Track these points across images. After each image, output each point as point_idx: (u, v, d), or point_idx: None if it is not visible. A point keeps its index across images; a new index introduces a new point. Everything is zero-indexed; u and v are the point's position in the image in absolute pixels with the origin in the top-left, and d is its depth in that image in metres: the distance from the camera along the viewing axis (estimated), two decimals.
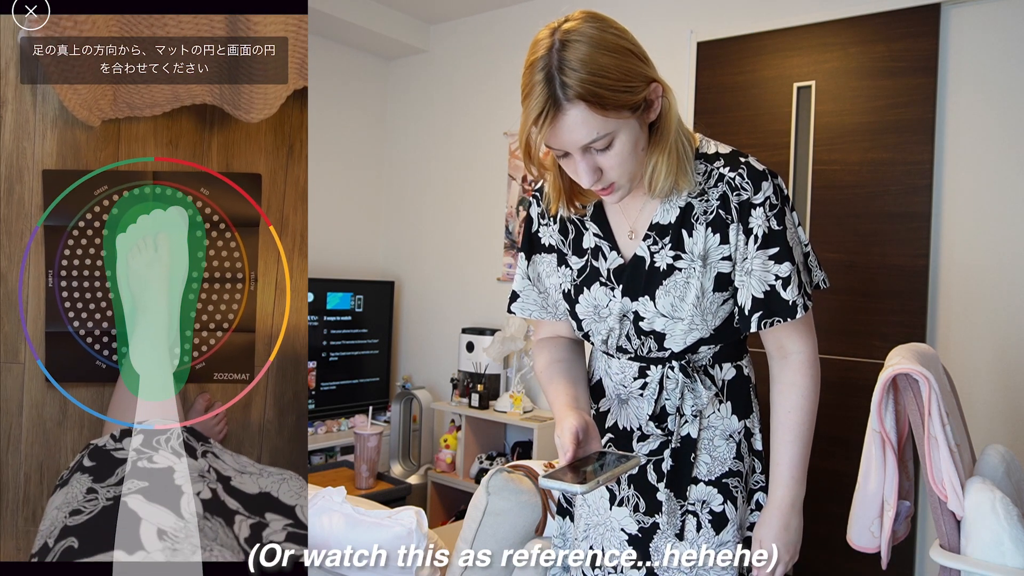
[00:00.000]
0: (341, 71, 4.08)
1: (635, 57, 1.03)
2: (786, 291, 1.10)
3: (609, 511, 1.22)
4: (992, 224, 2.49)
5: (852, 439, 2.61)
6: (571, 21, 1.03)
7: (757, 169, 1.11)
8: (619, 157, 1.03)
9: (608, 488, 1.22)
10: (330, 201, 4.05)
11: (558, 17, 1.05)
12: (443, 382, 4.02)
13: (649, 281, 1.14)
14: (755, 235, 1.10)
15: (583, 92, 0.97)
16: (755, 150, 2.88)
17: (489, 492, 1.56)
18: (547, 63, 0.99)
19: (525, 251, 1.28)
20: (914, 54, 2.57)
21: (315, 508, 1.58)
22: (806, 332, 1.16)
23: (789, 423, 1.16)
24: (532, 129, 0.99)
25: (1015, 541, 1.29)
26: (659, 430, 1.19)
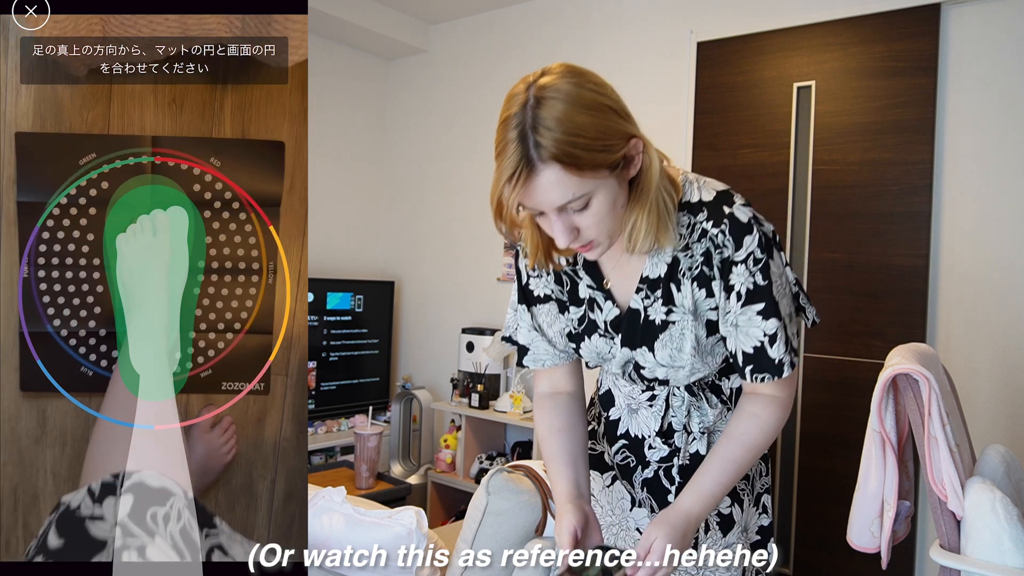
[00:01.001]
0: (341, 71, 4.08)
1: (614, 114, 0.97)
2: (773, 348, 1.07)
3: (629, 511, 1.24)
4: (992, 224, 2.49)
5: (852, 439, 2.61)
6: (547, 76, 0.96)
7: (740, 222, 1.05)
8: (596, 217, 0.98)
9: (628, 492, 1.24)
10: (330, 201, 4.05)
11: (544, 66, 1.00)
12: (443, 382, 4.02)
13: (646, 333, 1.12)
14: (738, 292, 1.06)
15: (558, 153, 0.92)
16: (755, 150, 2.88)
17: (489, 492, 1.56)
18: (521, 120, 0.94)
19: (524, 302, 1.23)
20: (914, 54, 2.57)
21: (315, 508, 1.58)
22: (785, 382, 1.12)
23: (733, 445, 1.10)
24: (505, 187, 0.95)
25: (1015, 541, 1.29)
26: (666, 446, 1.20)
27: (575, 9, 3.55)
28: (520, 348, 1.25)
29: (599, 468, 1.29)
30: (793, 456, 2.79)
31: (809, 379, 2.77)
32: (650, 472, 1.21)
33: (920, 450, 1.43)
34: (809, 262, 2.77)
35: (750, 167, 2.90)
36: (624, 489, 1.25)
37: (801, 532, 2.78)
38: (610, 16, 3.42)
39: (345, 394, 3.91)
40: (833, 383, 2.71)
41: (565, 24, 3.58)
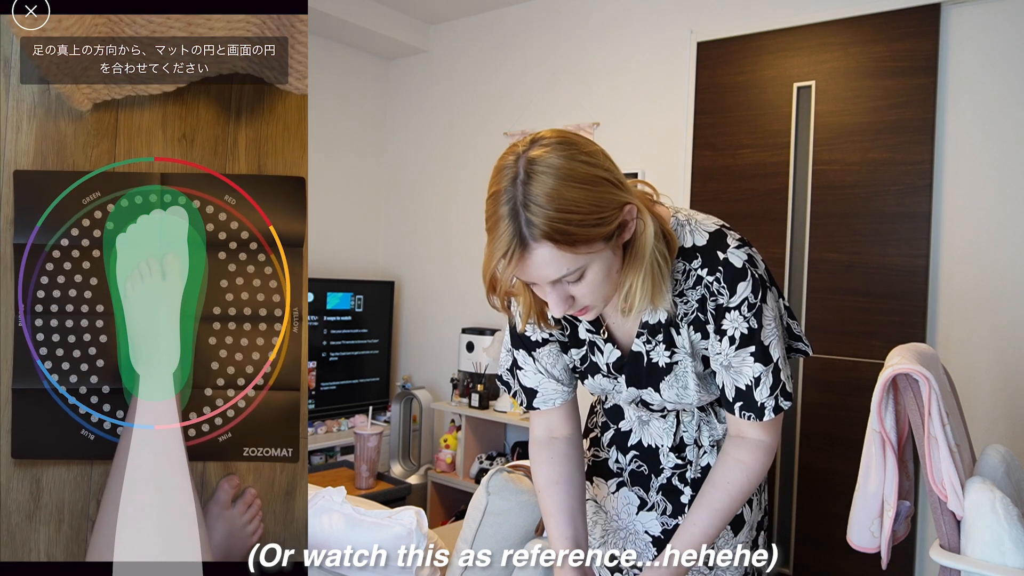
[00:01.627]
0: (341, 71, 4.08)
1: (608, 184, 0.94)
2: (758, 391, 1.07)
3: (635, 516, 1.25)
4: (992, 224, 2.49)
5: (852, 439, 2.61)
6: (537, 147, 0.93)
7: (735, 268, 1.04)
8: (591, 286, 0.97)
9: (637, 495, 1.24)
10: (330, 201, 4.05)
11: (531, 133, 0.98)
12: (443, 382, 4.02)
13: (651, 375, 1.12)
14: (731, 336, 1.06)
15: (550, 231, 0.89)
16: (755, 150, 2.88)
17: (489, 492, 1.56)
18: (512, 197, 0.90)
19: (523, 348, 1.20)
20: (914, 54, 2.57)
21: (315, 508, 1.58)
22: (771, 425, 1.11)
23: (720, 495, 1.11)
24: (499, 263, 0.93)
25: (1015, 541, 1.29)
26: (678, 459, 1.21)
27: (575, 9, 3.55)
28: (527, 392, 1.22)
29: (604, 475, 1.29)
30: (793, 456, 2.79)
31: (809, 379, 2.77)
32: (663, 479, 1.22)
33: (920, 450, 1.42)
34: (809, 262, 2.77)
35: (750, 167, 2.90)
36: (633, 494, 1.25)
37: (801, 532, 2.78)
38: (610, 16, 3.42)
39: (345, 394, 3.91)
40: (833, 383, 2.71)
41: (565, 24, 3.58)
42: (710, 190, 3.00)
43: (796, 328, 1.16)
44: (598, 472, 1.30)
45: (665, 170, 3.18)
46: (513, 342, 1.22)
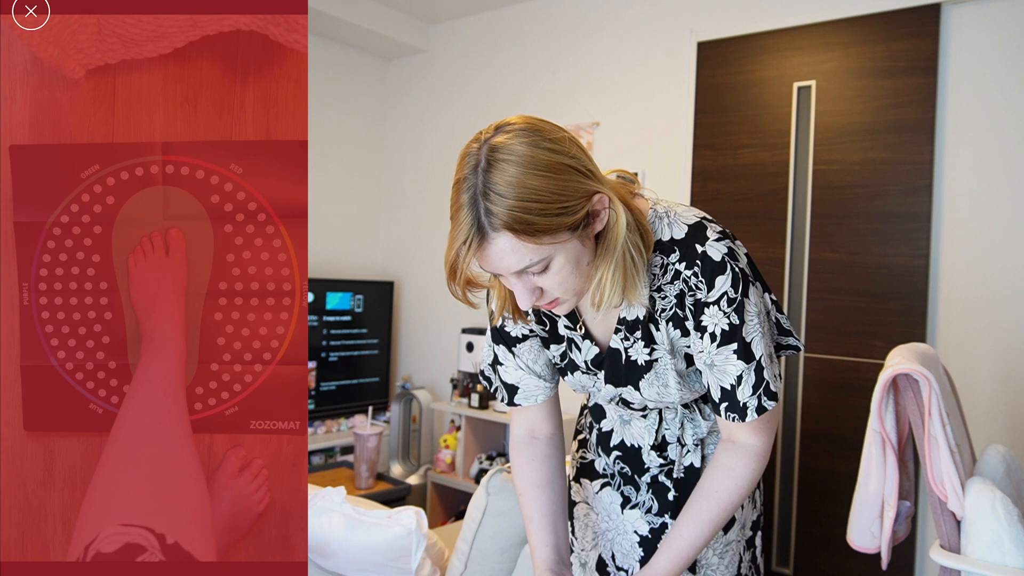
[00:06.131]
0: (341, 71, 4.08)
1: (574, 172, 0.91)
2: (740, 390, 1.03)
3: (621, 514, 1.22)
4: (992, 224, 2.49)
5: (852, 439, 2.61)
6: (501, 134, 0.90)
7: (713, 261, 1.00)
8: (558, 278, 0.94)
9: (622, 493, 1.23)
10: (329, 201, 4.05)
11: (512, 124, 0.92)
12: (443, 382, 4.02)
13: (630, 373, 1.10)
14: (712, 333, 1.02)
15: (509, 220, 0.86)
16: (755, 150, 2.88)
17: (489, 492, 1.56)
18: (472, 185, 0.88)
19: (504, 343, 1.18)
20: (914, 54, 2.57)
21: (315, 508, 1.58)
22: (762, 428, 1.07)
23: (709, 505, 1.07)
24: (460, 251, 0.90)
25: (1015, 541, 1.29)
26: (660, 459, 1.18)
27: (575, 9, 3.55)
28: (508, 388, 1.20)
29: (589, 476, 1.27)
30: (793, 456, 2.79)
31: (809, 379, 2.77)
32: (648, 478, 1.20)
33: (920, 450, 1.42)
34: (809, 262, 2.77)
35: (750, 167, 2.90)
36: (617, 493, 1.23)
37: (801, 532, 2.78)
38: (610, 16, 3.42)
39: (345, 394, 3.91)
40: (833, 383, 2.71)
41: (565, 24, 3.58)
42: (710, 190, 3.00)
43: (786, 323, 1.13)
44: (586, 474, 1.28)
45: (665, 170, 3.18)
46: (493, 337, 1.20)
